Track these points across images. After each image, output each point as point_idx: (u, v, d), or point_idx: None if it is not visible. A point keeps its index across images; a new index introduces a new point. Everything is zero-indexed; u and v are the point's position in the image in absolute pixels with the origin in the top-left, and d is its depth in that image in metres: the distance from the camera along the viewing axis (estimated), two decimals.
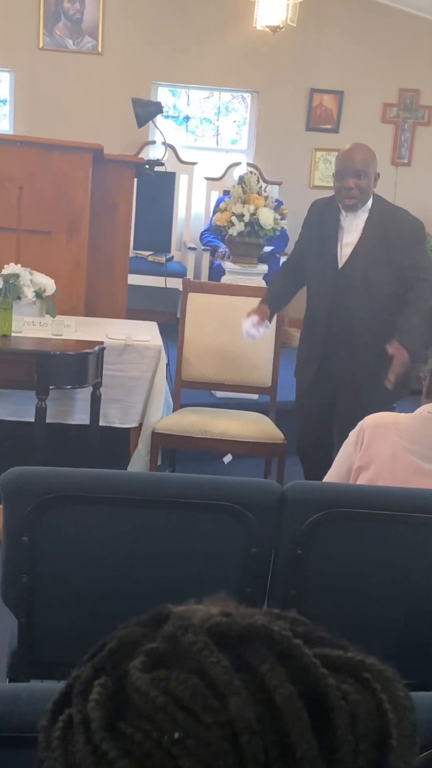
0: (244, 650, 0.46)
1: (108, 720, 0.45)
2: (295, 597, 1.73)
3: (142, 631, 0.49)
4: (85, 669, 0.49)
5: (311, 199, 6.54)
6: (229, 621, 0.47)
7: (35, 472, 1.72)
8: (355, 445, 2.00)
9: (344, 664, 0.47)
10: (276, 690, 0.44)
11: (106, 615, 1.70)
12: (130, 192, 4.24)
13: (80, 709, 0.46)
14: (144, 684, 0.45)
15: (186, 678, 0.44)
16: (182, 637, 0.46)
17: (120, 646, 0.49)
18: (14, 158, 3.92)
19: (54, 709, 0.49)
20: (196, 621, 0.47)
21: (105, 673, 0.47)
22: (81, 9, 6.01)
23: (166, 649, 0.47)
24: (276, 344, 3.80)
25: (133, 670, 0.46)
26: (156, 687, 0.44)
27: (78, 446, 3.55)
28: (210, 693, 0.44)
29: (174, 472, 3.87)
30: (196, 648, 0.45)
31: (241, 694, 0.44)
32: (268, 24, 4.77)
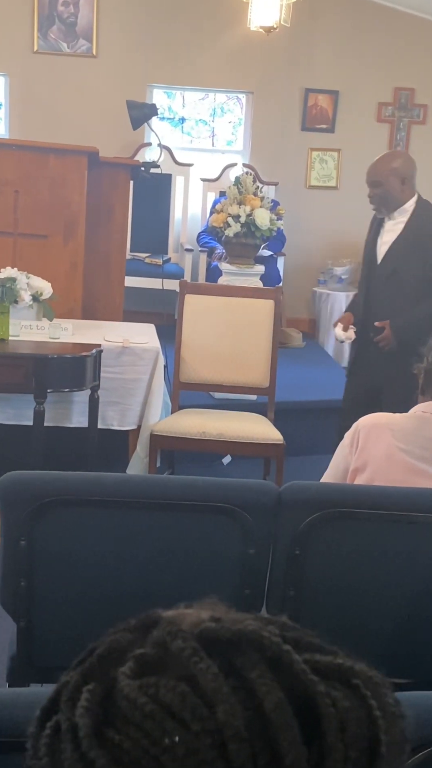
0: (233, 656, 0.46)
1: (96, 727, 0.44)
2: (294, 597, 1.73)
3: (131, 636, 0.49)
4: (74, 675, 0.48)
5: (307, 199, 6.59)
6: (218, 627, 0.47)
7: (33, 476, 1.73)
8: (350, 446, 2.00)
9: (334, 670, 0.47)
10: (265, 697, 0.44)
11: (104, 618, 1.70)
12: (126, 194, 4.24)
13: (68, 716, 0.46)
14: (132, 691, 0.44)
15: (175, 685, 0.44)
16: (171, 643, 0.46)
17: (109, 651, 0.48)
18: (10, 162, 3.92)
19: (41, 716, 0.48)
20: (186, 626, 0.47)
21: (93, 679, 0.47)
22: (75, 12, 6.01)
23: (155, 655, 0.46)
24: (273, 345, 3.80)
25: (121, 676, 0.45)
26: (144, 694, 0.44)
27: (77, 449, 3.55)
28: (199, 700, 0.44)
29: (173, 474, 3.88)
30: (185, 654, 0.45)
31: (229, 702, 0.43)
32: (261, 24, 4.77)
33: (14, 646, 1.75)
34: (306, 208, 6.44)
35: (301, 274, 6.44)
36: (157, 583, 1.73)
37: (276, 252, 5.88)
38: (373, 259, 3.57)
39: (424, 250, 3.40)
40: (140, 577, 1.72)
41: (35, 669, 1.76)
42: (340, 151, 6.45)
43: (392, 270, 3.45)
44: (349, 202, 6.46)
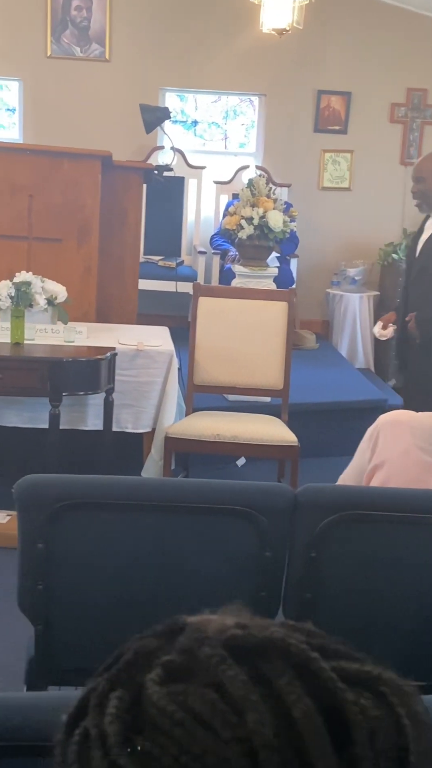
0: (260, 664, 0.46)
1: (125, 734, 0.44)
2: (310, 600, 1.73)
3: (157, 642, 0.49)
4: (101, 681, 0.48)
5: (320, 201, 6.59)
6: (245, 633, 0.47)
7: (49, 479, 1.74)
8: (368, 442, 2.00)
9: (362, 678, 0.47)
10: (294, 705, 0.44)
11: (122, 621, 1.71)
12: (140, 198, 4.25)
13: (97, 723, 0.46)
14: (161, 698, 0.44)
15: (204, 692, 0.44)
16: (198, 650, 0.46)
17: (135, 657, 0.48)
18: (24, 167, 3.94)
19: (69, 722, 0.48)
20: (212, 633, 0.47)
21: (121, 685, 0.47)
22: (88, 16, 6.03)
23: (183, 662, 0.46)
24: (287, 346, 3.80)
25: (149, 683, 0.45)
26: (173, 701, 0.44)
27: (92, 452, 3.57)
28: (228, 708, 0.43)
29: (187, 476, 3.88)
30: (213, 661, 0.45)
31: (259, 709, 0.43)
32: (274, 27, 4.77)
33: (32, 649, 1.76)
34: (319, 209, 6.44)
35: (314, 276, 6.44)
36: (174, 586, 1.73)
37: (289, 254, 5.87)
38: (412, 255, 3.74)
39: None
40: (157, 579, 1.72)
41: (53, 671, 1.76)
42: (353, 152, 6.45)
43: (423, 266, 3.59)
44: (363, 203, 6.46)
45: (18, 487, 1.68)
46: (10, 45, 6.03)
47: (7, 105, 6.40)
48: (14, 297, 3.44)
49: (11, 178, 3.93)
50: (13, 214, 3.94)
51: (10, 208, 3.94)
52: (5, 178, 3.92)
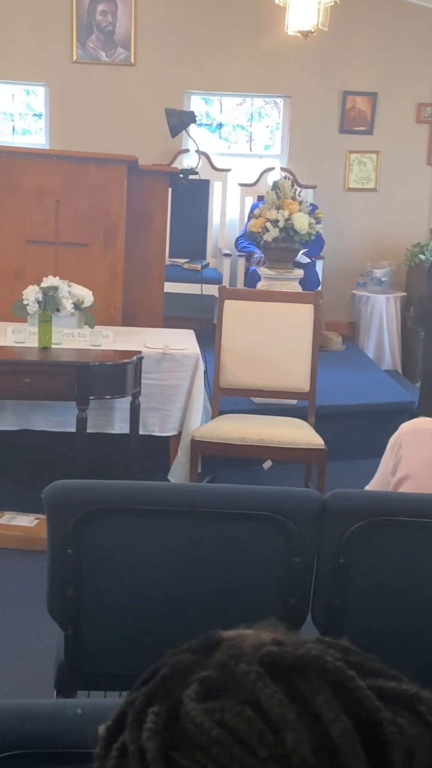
0: (297, 681, 0.46)
1: (163, 750, 0.44)
2: (339, 606, 1.72)
3: (193, 657, 0.49)
4: (138, 695, 0.48)
5: (346, 202, 6.57)
6: (281, 651, 0.47)
7: (78, 485, 1.74)
8: (391, 452, 1.98)
9: (399, 696, 0.47)
10: (332, 724, 0.43)
11: (150, 626, 1.71)
12: (165, 201, 4.27)
13: (134, 738, 0.46)
14: (198, 715, 0.44)
15: (241, 710, 0.44)
16: (235, 667, 0.46)
17: (172, 673, 0.48)
18: (51, 172, 3.97)
19: (107, 737, 0.49)
20: (248, 649, 0.47)
21: (158, 701, 0.47)
22: (113, 21, 6.06)
23: (219, 678, 0.46)
24: (313, 349, 3.79)
25: (186, 699, 0.45)
26: (211, 718, 0.44)
27: (119, 455, 3.58)
28: (265, 726, 0.43)
29: (214, 479, 3.88)
30: (250, 678, 0.45)
31: (296, 728, 0.43)
32: (299, 29, 4.77)
33: (61, 654, 1.76)
34: (345, 210, 6.41)
35: (340, 277, 6.41)
36: (202, 591, 1.73)
37: (315, 255, 5.86)
38: None
39: None
40: (185, 585, 1.73)
41: (82, 677, 1.77)
42: (379, 153, 6.41)
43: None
44: (389, 204, 6.42)
45: (47, 492, 1.69)
46: (37, 51, 6.07)
47: (33, 110, 6.45)
48: (42, 302, 3.46)
49: (39, 183, 3.96)
50: (41, 219, 3.97)
51: (38, 213, 3.97)
52: (33, 183, 3.95)
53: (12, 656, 2.61)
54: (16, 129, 6.45)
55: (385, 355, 6.08)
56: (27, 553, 3.29)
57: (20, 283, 3.75)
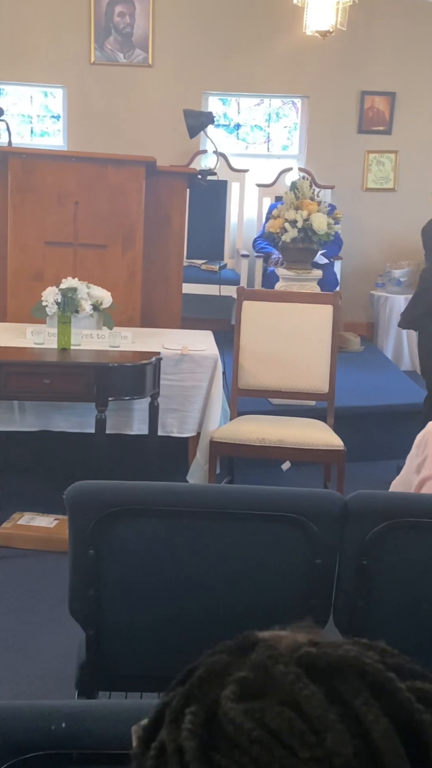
0: (335, 682, 0.45)
1: (202, 750, 0.44)
2: (362, 608, 1.71)
3: (229, 658, 0.49)
4: (175, 696, 0.48)
5: (364, 202, 6.54)
6: (319, 652, 0.47)
7: (99, 485, 1.74)
8: (417, 449, 1.97)
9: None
10: (372, 725, 0.43)
11: (172, 627, 1.71)
12: (183, 202, 4.26)
13: (173, 737, 0.46)
14: (238, 715, 0.44)
15: (281, 711, 0.44)
16: (273, 667, 0.46)
17: (208, 673, 0.48)
18: (70, 174, 3.98)
19: (145, 736, 0.49)
20: (284, 650, 0.47)
21: (195, 701, 0.47)
22: (131, 22, 6.08)
23: (257, 679, 0.46)
24: (332, 350, 3.77)
25: (224, 700, 0.45)
26: (250, 719, 0.44)
27: (137, 456, 3.59)
28: (306, 727, 0.43)
29: (232, 481, 3.88)
30: (288, 679, 0.45)
31: (337, 729, 0.43)
32: (317, 29, 4.75)
33: (83, 654, 1.77)
34: (363, 210, 6.39)
35: (358, 278, 6.39)
36: (224, 593, 1.73)
37: (333, 256, 5.84)
38: None
39: None
40: (206, 586, 1.72)
41: (104, 677, 1.77)
42: (398, 152, 6.39)
43: None
44: (407, 204, 6.39)
45: (68, 493, 1.69)
46: (55, 53, 6.10)
47: (51, 112, 6.47)
48: (61, 303, 3.47)
49: (57, 185, 3.97)
50: (60, 221, 3.98)
51: (57, 215, 3.98)
52: (52, 185, 3.97)
53: (33, 657, 2.62)
54: (34, 131, 6.48)
55: (403, 356, 6.05)
56: (47, 554, 3.30)
57: (39, 284, 3.76)
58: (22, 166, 3.96)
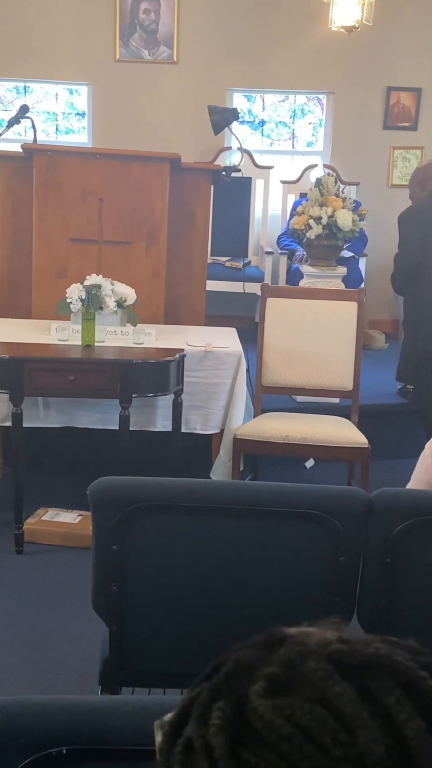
0: (366, 680, 0.45)
1: (230, 746, 0.44)
2: (385, 606, 1.70)
3: (257, 653, 0.48)
4: (202, 691, 0.48)
5: (390, 199, 6.50)
6: (349, 649, 0.46)
7: (123, 481, 1.75)
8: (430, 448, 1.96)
9: None
10: (405, 724, 0.43)
11: (195, 623, 1.71)
12: (208, 199, 4.26)
13: (201, 733, 0.45)
14: (267, 711, 0.44)
15: (312, 708, 0.43)
16: (302, 664, 0.45)
17: (236, 668, 0.48)
18: (95, 171, 3.99)
19: (171, 731, 0.48)
20: (315, 646, 0.46)
21: (223, 696, 0.46)
22: (156, 19, 6.08)
23: (286, 675, 0.46)
24: (357, 347, 3.75)
25: (253, 696, 0.45)
26: (280, 715, 0.43)
27: (161, 453, 3.59)
28: (337, 725, 0.43)
29: (256, 478, 3.87)
30: (319, 676, 0.44)
31: (370, 727, 0.42)
32: (343, 24, 4.73)
33: (106, 650, 1.77)
34: (388, 207, 6.34)
35: (383, 275, 6.33)
36: (247, 589, 1.72)
37: (358, 253, 5.81)
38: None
39: None
40: (229, 582, 1.72)
41: (126, 673, 1.77)
42: (423, 148, 6.34)
43: None
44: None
45: (92, 488, 1.69)
46: (80, 50, 6.12)
47: (76, 109, 6.50)
48: (85, 300, 3.48)
49: (82, 182, 3.98)
50: (84, 217, 3.99)
51: (81, 212, 3.99)
52: (77, 182, 3.98)
53: (56, 652, 2.63)
54: (59, 128, 6.50)
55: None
56: (70, 550, 3.31)
57: (64, 281, 3.78)
58: (47, 163, 3.97)
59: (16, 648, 2.64)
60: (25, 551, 3.30)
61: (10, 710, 0.98)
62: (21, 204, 4.05)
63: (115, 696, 1.68)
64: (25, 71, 6.18)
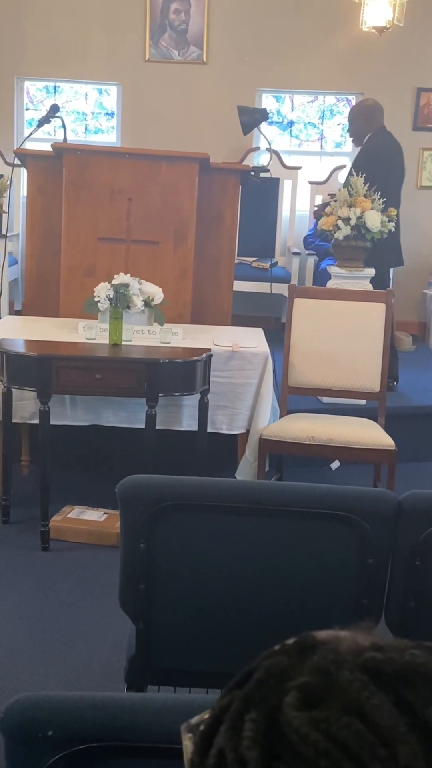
0: (403, 691, 0.43)
1: (264, 760, 0.43)
2: (414, 609, 1.69)
3: (288, 661, 0.47)
4: (233, 700, 0.47)
5: (418, 200, 6.46)
6: (385, 657, 0.45)
7: (151, 480, 1.75)
8: None
9: None
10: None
11: (221, 623, 1.71)
12: (236, 199, 4.25)
13: (234, 746, 0.44)
14: (302, 725, 0.42)
15: (349, 721, 0.42)
16: (337, 673, 0.44)
17: (267, 677, 0.46)
18: (124, 170, 4.00)
19: (202, 741, 0.47)
20: (348, 654, 0.45)
21: (254, 706, 0.45)
22: (186, 20, 6.09)
23: (319, 685, 0.45)
24: (384, 349, 3.73)
25: (287, 707, 0.44)
26: (317, 729, 0.42)
27: (186, 452, 3.59)
28: (376, 739, 0.41)
29: (281, 479, 3.86)
30: (355, 687, 0.43)
31: (409, 742, 0.41)
32: (374, 25, 4.70)
33: (132, 647, 1.77)
34: (417, 208, 6.31)
35: (411, 277, 6.31)
36: (273, 590, 1.72)
37: None
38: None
39: None
40: (257, 582, 1.72)
41: (153, 671, 1.78)
42: None
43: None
44: None
45: (121, 486, 1.70)
46: (111, 50, 6.14)
47: (105, 109, 6.52)
48: (113, 299, 3.49)
49: (111, 182, 3.99)
50: (113, 217, 4.00)
51: (110, 211, 4.00)
52: (105, 182, 3.99)
53: (81, 650, 2.64)
54: (88, 128, 6.53)
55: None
56: (95, 548, 3.33)
57: (92, 280, 3.79)
58: (77, 162, 3.99)
59: (41, 645, 2.66)
60: (50, 548, 3.31)
61: (42, 705, 0.98)
62: (50, 203, 4.08)
63: (145, 693, 1.68)
64: (55, 71, 6.22)
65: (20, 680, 2.44)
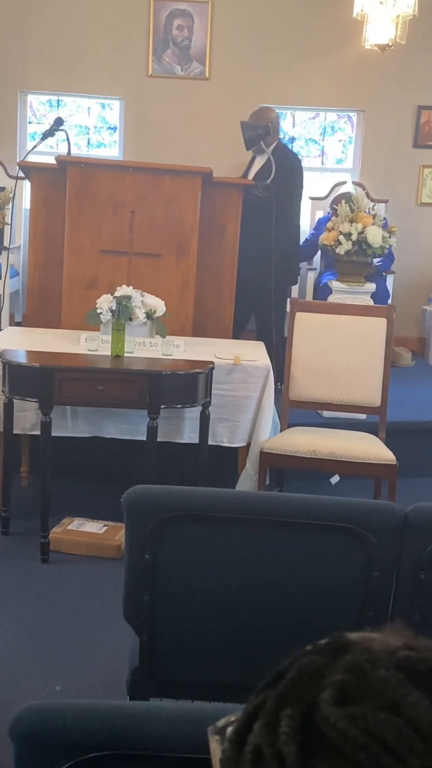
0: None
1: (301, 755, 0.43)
2: (419, 623, 1.69)
3: (322, 660, 0.48)
4: (267, 698, 0.47)
5: (418, 217, 6.49)
6: (419, 656, 0.45)
7: (157, 490, 1.75)
8: None
9: None
10: None
11: (226, 635, 1.70)
12: (238, 213, 4.27)
13: (270, 742, 0.44)
14: (340, 720, 0.43)
15: (387, 717, 0.42)
16: (372, 671, 0.45)
17: (301, 676, 0.47)
18: (127, 184, 4.02)
19: (236, 738, 0.47)
20: (382, 653, 0.46)
21: (289, 703, 0.46)
22: (189, 36, 6.13)
23: (356, 683, 0.45)
24: (385, 363, 3.74)
25: (324, 704, 0.44)
26: (354, 724, 0.43)
27: (187, 464, 3.59)
28: (414, 734, 0.42)
29: (281, 492, 3.86)
30: (391, 684, 0.44)
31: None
32: (377, 43, 4.74)
33: (135, 659, 1.76)
34: (417, 225, 6.34)
35: (410, 292, 6.33)
36: (278, 602, 1.71)
37: (385, 270, 5.79)
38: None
39: None
40: (262, 594, 1.71)
41: (156, 682, 1.77)
42: None
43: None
44: None
45: (127, 497, 1.70)
46: (114, 65, 6.18)
47: (108, 123, 6.55)
48: (115, 311, 3.50)
49: (114, 195, 4.01)
50: (116, 229, 4.02)
51: (113, 224, 4.02)
52: (109, 195, 4.01)
53: (81, 662, 2.62)
54: (91, 142, 6.56)
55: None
56: (95, 560, 3.31)
57: (94, 292, 3.80)
58: (81, 175, 4.01)
59: (40, 657, 2.64)
60: (50, 560, 3.30)
61: (52, 714, 0.98)
62: (54, 215, 4.09)
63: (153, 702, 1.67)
64: (58, 85, 6.25)
65: (20, 691, 2.43)
